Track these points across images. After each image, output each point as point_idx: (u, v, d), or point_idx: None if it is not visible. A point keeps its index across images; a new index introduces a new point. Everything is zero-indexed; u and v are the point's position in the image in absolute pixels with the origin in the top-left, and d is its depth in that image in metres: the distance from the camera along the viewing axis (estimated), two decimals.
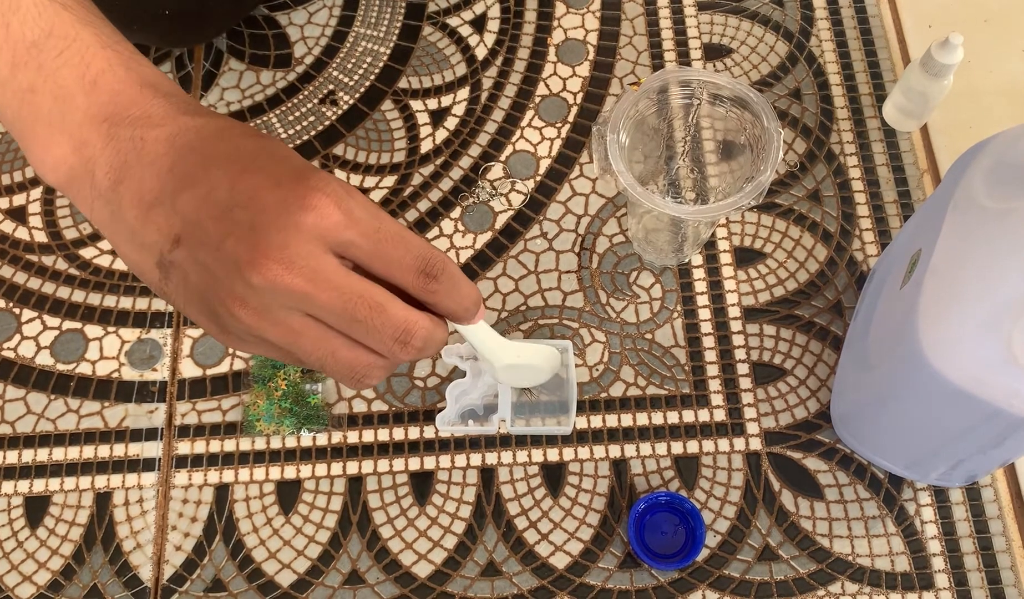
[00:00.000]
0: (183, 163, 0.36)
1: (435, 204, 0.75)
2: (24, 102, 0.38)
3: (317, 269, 0.35)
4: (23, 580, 0.64)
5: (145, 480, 0.67)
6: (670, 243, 0.71)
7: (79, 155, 0.37)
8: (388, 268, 0.37)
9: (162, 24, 0.73)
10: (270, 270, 0.34)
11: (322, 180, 0.35)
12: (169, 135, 0.37)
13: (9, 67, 0.38)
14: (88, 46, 0.38)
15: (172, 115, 0.37)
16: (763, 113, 0.59)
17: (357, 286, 0.36)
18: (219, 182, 0.35)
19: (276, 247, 0.34)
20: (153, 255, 0.37)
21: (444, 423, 0.66)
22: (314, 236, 0.35)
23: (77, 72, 0.37)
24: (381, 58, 0.81)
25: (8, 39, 0.37)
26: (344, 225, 0.35)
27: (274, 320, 0.36)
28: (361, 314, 0.36)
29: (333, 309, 0.36)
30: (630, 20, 0.82)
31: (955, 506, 0.65)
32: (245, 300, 0.35)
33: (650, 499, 0.63)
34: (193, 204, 0.35)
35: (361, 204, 0.36)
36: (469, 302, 0.40)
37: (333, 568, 0.64)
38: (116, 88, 0.37)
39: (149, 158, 0.36)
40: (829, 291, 0.72)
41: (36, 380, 0.70)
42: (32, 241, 0.74)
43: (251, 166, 0.36)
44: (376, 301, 0.37)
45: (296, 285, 0.35)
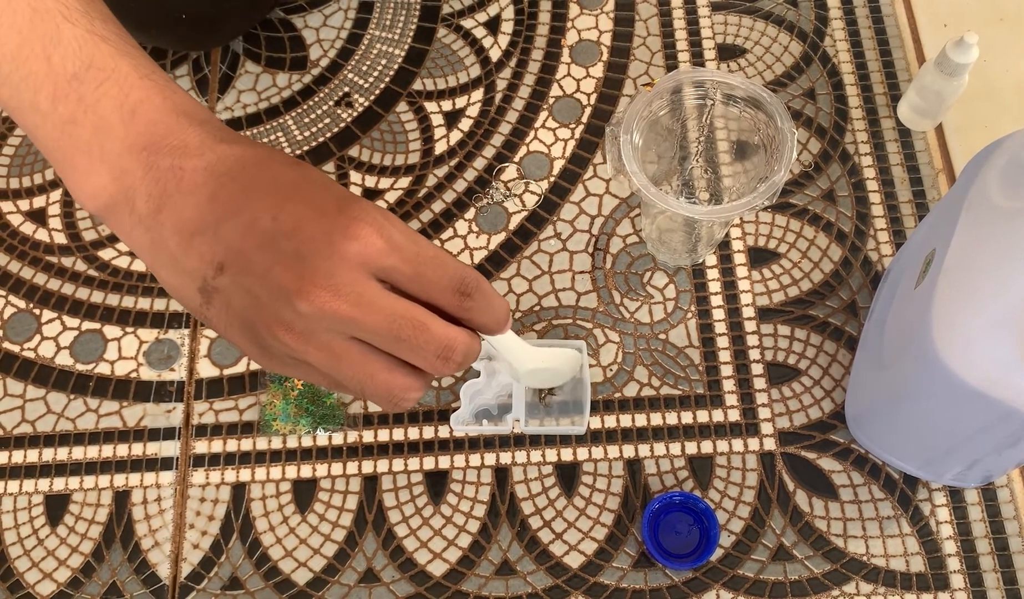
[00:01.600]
0: (224, 192, 0.37)
1: (449, 205, 0.75)
2: (64, 133, 0.39)
3: (362, 294, 0.37)
4: (44, 577, 0.65)
5: (163, 479, 0.67)
6: (684, 243, 0.71)
7: (119, 184, 0.38)
8: (427, 289, 0.39)
9: (179, 28, 0.74)
10: (318, 297, 0.36)
11: (363, 209, 0.37)
12: (208, 164, 0.38)
13: (50, 100, 0.38)
14: (126, 77, 0.39)
15: (210, 144, 0.38)
16: (777, 113, 0.59)
17: (400, 308, 0.38)
18: (262, 211, 0.37)
19: (323, 275, 0.36)
20: (195, 281, 0.38)
21: (458, 423, 0.67)
22: (358, 263, 0.36)
23: (116, 103, 0.38)
24: (396, 60, 0.81)
25: (50, 73, 0.38)
26: (386, 252, 0.37)
27: (317, 344, 0.38)
28: (405, 333, 0.38)
29: (378, 331, 0.38)
30: (644, 21, 0.82)
31: (971, 506, 0.65)
32: (291, 325, 0.37)
33: (664, 499, 0.64)
34: (237, 232, 0.37)
35: (400, 230, 0.38)
36: (501, 314, 0.42)
37: (349, 566, 0.65)
38: (154, 117, 0.38)
39: (189, 187, 0.37)
40: (844, 291, 0.71)
41: (56, 380, 0.71)
42: (52, 243, 0.75)
43: (294, 195, 0.37)
44: (419, 320, 0.38)
45: (343, 310, 0.36)
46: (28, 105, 0.39)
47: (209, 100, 0.80)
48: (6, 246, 0.75)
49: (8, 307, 0.73)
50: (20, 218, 0.76)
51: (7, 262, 0.75)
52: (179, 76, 0.81)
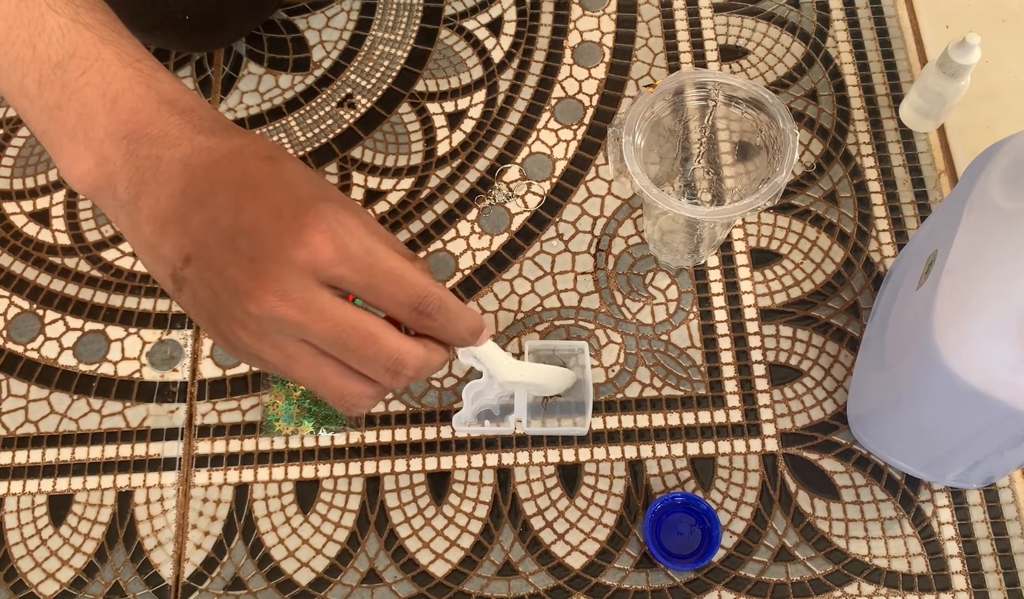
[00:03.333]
0: (195, 186, 0.38)
1: (451, 206, 0.76)
2: (52, 118, 0.40)
3: (311, 300, 0.37)
4: (47, 577, 0.65)
5: (166, 479, 0.68)
6: (686, 244, 0.71)
7: (102, 169, 0.39)
8: (381, 303, 0.39)
9: (182, 29, 0.74)
10: (265, 301, 0.36)
11: (319, 214, 0.37)
12: (184, 155, 0.38)
13: (36, 85, 0.40)
14: (109, 65, 0.39)
15: (188, 135, 0.39)
16: (779, 114, 0.59)
17: (351, 317, 0.38)
18: (225, 209, 0.37)
19: (272, 278, 0.36)
20: (168, 267, 0.39)
21: (460, 423, 0.67)
22: (307, 270, 0.37)
23: (99, 91, 0.39)
24: (398, 61, 0.82)
25: (35, 59, 0.39)
26: (336, 262, 0.37)
27: (271, 343, 0.38)
28: (353, 344, 0.38)
29: (326, 339, 0.38)
30: (646, 22, 0.82)
31: (973, 507, 0.65)
32: (244, 324, 0.38)
33: (666, 499, 0.64)
34: (202, 227, 0.37)
35: (358, 239, 0.37)
36: (467, 333, 0.42)
37: (351, 567, 0.65)
38: (135, 106, 0.39)
39: (165, 177, 0.38)
40: (846, 292, 0.72)
41: (59, 380, 0.71)
42: (55, 243, 0.75)
43: (256, 194, 0.38)
44: (369, 332, 0.38)
45: (289, 315, 0.37)
46: (17, 89, 0.40)
47: (212, 101, 0.80)
48: (10, 247, 0.75)
49: (12, 308, 0.73)
50: (24, 219, 0.76)
51: (11, 263, 0.75)
52: (182, 78, 0.81)
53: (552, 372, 0.61)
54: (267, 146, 0.40)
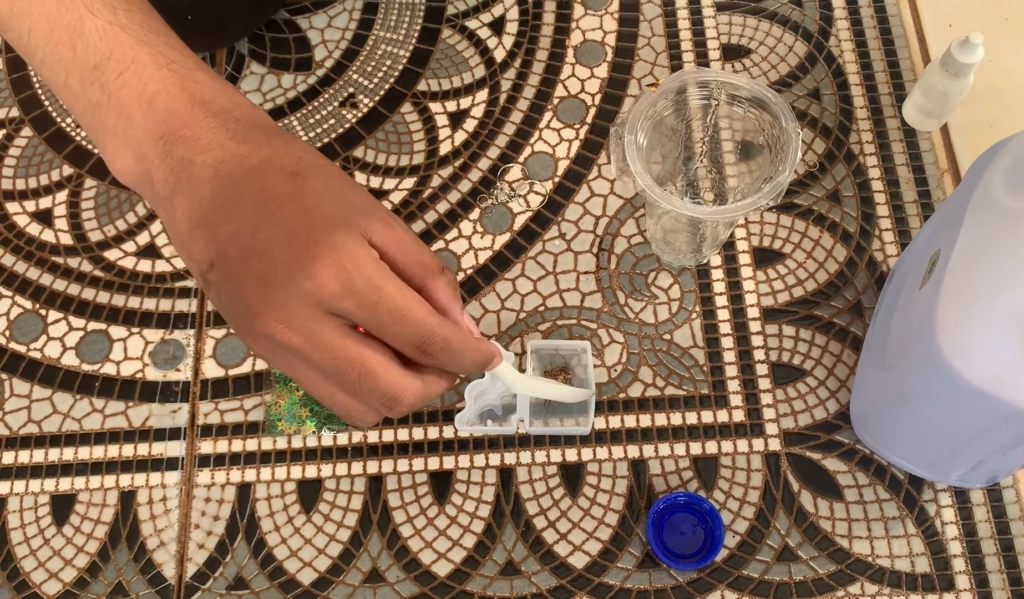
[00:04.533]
0: (222, 195, 0.39)
1: (454, 206, 0.76)
2: (94, 115, 0.41)
3: (314, 331, 0.38)
4: (50, 577, 0.65)
5: (168, 479, 0.68)
6: (688, 244, 0.71)
7: (141, 166, 0.41)
8: (386, 338, 0.40)
9: (184, 29, 0.74)
10: (270, 325, 0.38)
11: (329, 245, 0.37)
12: (215, 161, 0.39)
13: (79, 84, 0.41)
14: (144, 67, 0.41)
15: (219, 140, 0.40)
16: (781, 114, 0.59)
17: (351, 351, 0.39)
18: (246, 226, 0.38)
19: (278, 304, 0.37)
20: (197, 266, 0.40)
21: (463, 423, 0.67)
22: (313, 301, 0.37)
23: (135, 92, 0.40)
24: (400, 61, 0.82)
25: (76, 60, 0.41)
26: (341, 296, 0.37)
27: (280, 360, 0.40)
28: (350, 377, 0.39)
29: (325, 369, 0.39)
30: (648, 21, 0.82)
31: (976, 507, 0.65)
32: (255, 339, 0.39)
33: (669, 499, 0.64)
34: (225, 239, 0.39)
35: (365, 275, 0.38)
36: (474, 367, 0.43)
37: (354, 566, 0.65)
38: (170, 108, 0.40)
39: (196, 182, 0.39)
40: (849, 291, 0.71)
41: (62, 380, 0.71)
42: (58, 243, 0.76)
43: (275, 215, 0.38)
44: (367, 368, 0.39)
45: (293, 342, 0.38)
46: (62, 86, 0.42)
47: None
48: (12, 247, 0.76)
49: (14, 307, 0.73)
50: (26, 219, 0.77)
51: (13, 262, 0.75)
52: None
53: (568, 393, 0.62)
54: (296, 158, 0.41)
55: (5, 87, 0.82)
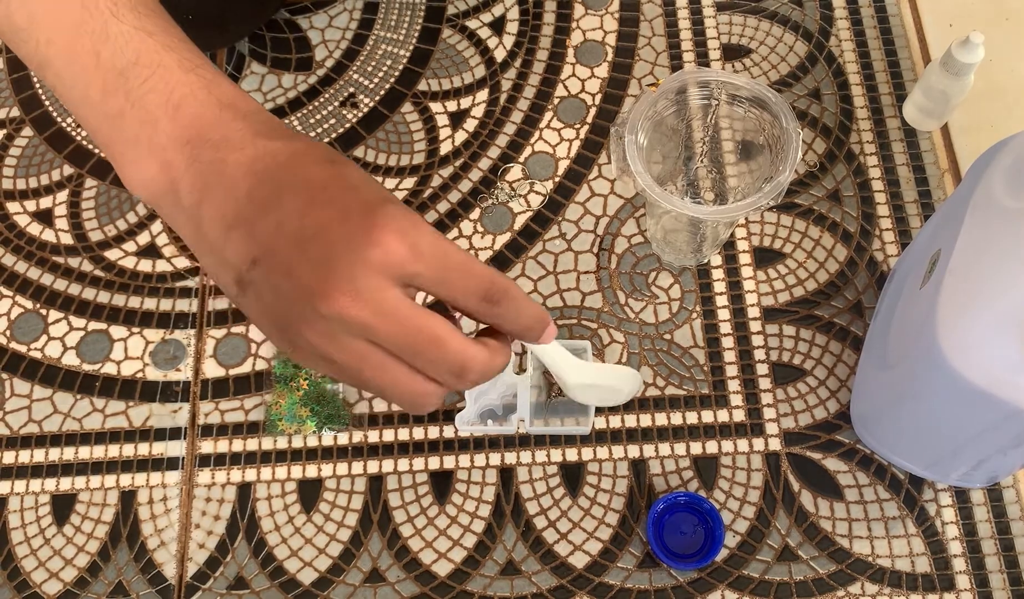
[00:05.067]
0: (260, 190, 0.38)
1: (454, 205, 0.76)
2: (114, 126, 0.40)
3: (382, 302, 0.37)
4: (50, 577, 0.65)
5: (169, 479, 0.68)
6: (689, 243, 0.71)
7: (165, 175, 0.40)
8: (453, 296, 0.39)
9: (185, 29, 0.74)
10: (337, 302, 0.37)
11: (389, 215, 0.37)
12: (248, 159, 0.39)
13: (100, 94, 0.40)
14: (171, 72, 0.40)
15: (250, 138, 0.39)
16: (782, 113, 0.59)
17: (419, 320, 0.38)
18: (291, 213, 0.38)
19: (344, 280, 0.37)
20: (232, 272, 0.39)
21: (463, 423, 0.67)
22: (380, 270, 0.37)
23: (161, 98, 0.40)
24: (401, 61, 0.82)
25: (99, 68, 0.40)
26: (411, 259, 0.37)
27: (340, 346, 0.38)
28: (421, 347, 0.39)
29: (395, 341, 0.38)
30: (648, 21, 0.82)
31: (976, 507, 0.65)
32: (314, 325, 0.38)
33: (669, 499, 0.64)
34: (269, 231, 0.38)
35: (427, 236, 0.38)
36: (533, 322, 0.43)
37: (354, 566, 0.65)
38: (198, 112, 0.40)
39: (229, 182, 0.39)
40: (849, 291, 0.71)
41: (62, 380, 0.71)
42: (58, 243, 0.76)
43: (321, 197, 0.38)
44: (436, 335, 0.39)
45: (361, 317, 0.37)
46: (80, 98, 0.41)
47: None
48: (13, 246, 0.76)
49: (15, 307, 0.73)
50: (27, 219, 0.77)
51: (14, 262, 0.75)
52: None
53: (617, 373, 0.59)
54: (328, 150, 0.41)
55: (6, 87, 0.82)
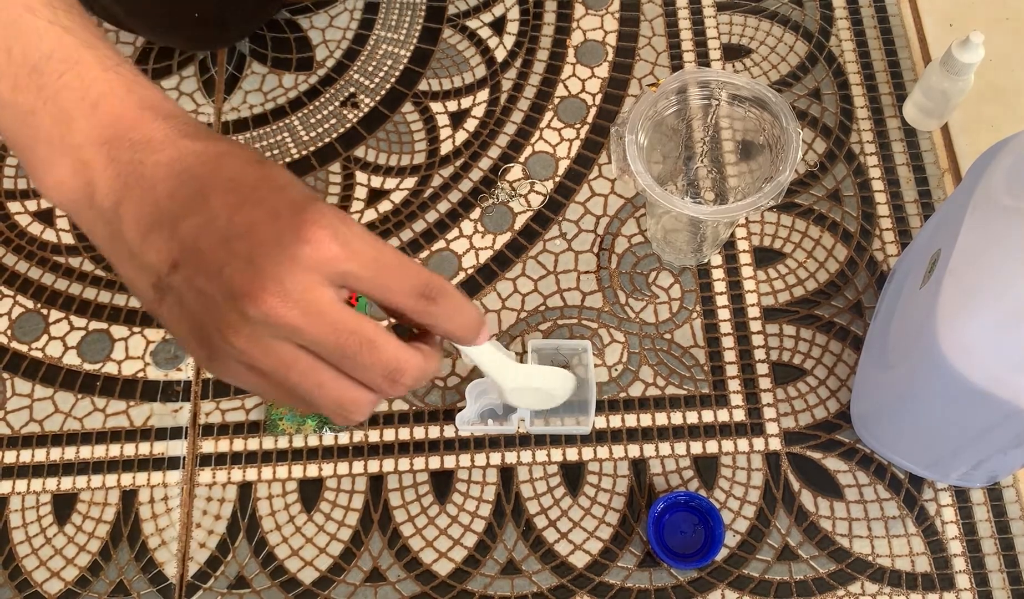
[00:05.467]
0: (184, 190, 0.37)
1: (455, 205, 0.76)
2: (25, 124, 0.38)
3: (312, 302, 0.36)
4: (51, 576, 0.65)
5: (170, 478, 0.68)
6: (689, 243, 0.71)
7: (80, 176, 0.38)
8: (387, 295, 0.38)
9: (186, 28, 0.74)
10: (265, 302, 0.35)
11: (318, 212, 0.36)
12: (169, 159, 0.37)
13: (11, 91, 0.38)
14: (89, 69, 0.38)
15: (172, 139, 0.38)
16: (782, 113, 0.59)
17: (351, 322, 0.37)
18: (219, 212, 0.36)
19: (273, 280, 0.35)
20: (150, 277, 0.37)
21: (464, 422, 0.67)
22: (311, 268, 0.36)
23: (77, 95, 0.38)
24: (401, 61, 0.82)
25: (10, 64, 0.38)
26: (342, 257, 0.36)
27: (265, 349, 0.37)
28: (351, 350, 0.37)
29: (325, 343, 0.37)
30: (649, 21, 0.82)
31: (976, 507, 0.65)
32: (238, 328, 0.36)
33: (669, 499, 0.64)
34: (192, 232, 0.36)
35: (359, 235, 0.37)
36: (469, 321, 0.41)
37: (355, 565, 0.65)
38: (117, 111, 0.38)
39: (149, 182, 0.37)
40: (849, 291, 0.71)
41: (63, 379, 0.71)
42: (59, 243, 0.76)
43: (251, 197, 0.37)
44: (368, 338, 0.37)
45: (290, 318, 0.36)
46: None
47: (215, 101, 0.80)
48: (14, 246, 0.76)
49: (16, 307, 0.73)
50: (28, 218, 0.77)
51: (15, 262, 0.75)
52: (186, 77, 0.81)
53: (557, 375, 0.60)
54: (255, 152, 0.40)
55: None
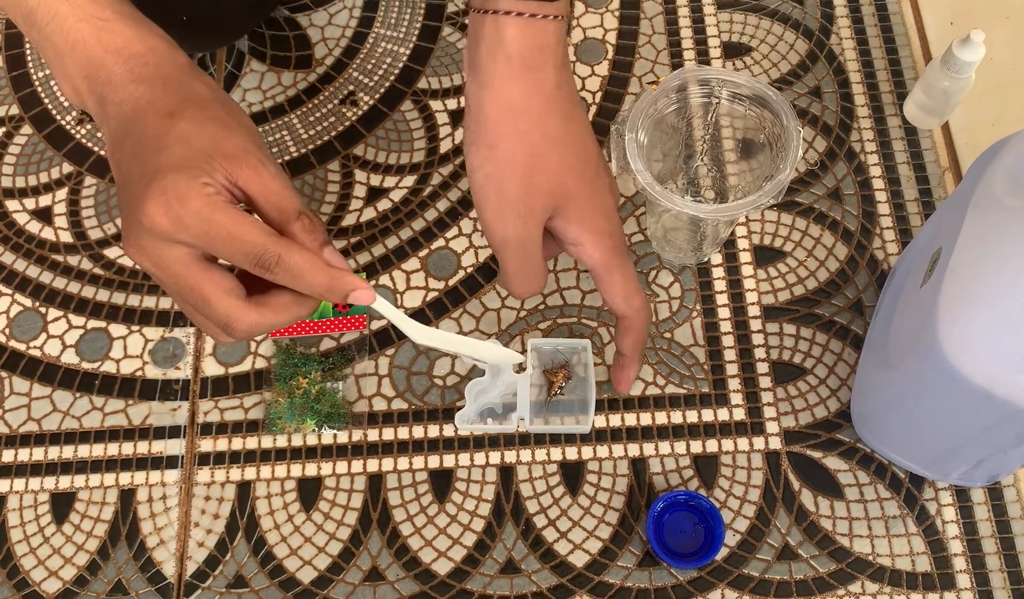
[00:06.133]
0: (118, 131, 0.47)
1: (454, 204, 0.75)
2: (41, 50, 0.49)
3: (158, 257, 0.44)
4: (49, 575, 0.65)
5: (168, 477, 0.68)
6: (689, 242, 0.71)
7: (78, 95, 0.49)
8: (228, 260, 0.45)
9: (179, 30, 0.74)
10: (129, 248, 0.45)
11: (159, 186, 0.43)
12: (119, 101, 0.47)
13: (25, 25, 0.49)
14: (65, 19, 0.47)
15: (124, 83, 0.47)
16: (782, 112, 0.59)
17: (190, 278, 0.45)
18: (123, 160, 0.46)
19: (133, 233, 0.44)
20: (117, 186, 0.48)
21: (463, 421, 0.67)
22: (153, 233, 0.43)
23: (61, 39, 0.48)
24: (401, 59, 0.81)
25: (18, 5, 0.48)
26: (173, 229, 0.43)
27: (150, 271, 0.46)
28: (192, 300, 0.46)
29: (170, 291, 0.46)
30: (649, 19, 0.82)
31: (977, 506, 0.65)
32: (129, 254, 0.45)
33: (669, 498, 0.64)
34: (116, 167, 0.46)
35: (192, 210, 0.43)
36: (319, 288, 0.46)
37: (354, 565, 0.65)
38: (88, 54, 0.48)
39: (106, 117, 0.47)
40: (849, 290, 0.71)
41: (62, 378, 0.71)
42: (58, 241, 0.75)
43: (139, 152, 0.45)
44: (202, 295, 0.45)
45: (145, 265, 0.45)
46: (14, 19, 0.49)
47: None
48: (12, 245, 0.75)
49: (14, 305, 0.73)
50: (26, 216, 0.76)
51: (13, 260, 0.75)
52: None
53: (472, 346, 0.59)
54: (175, 99, 0.47)
55: (5, 84, 0.82)
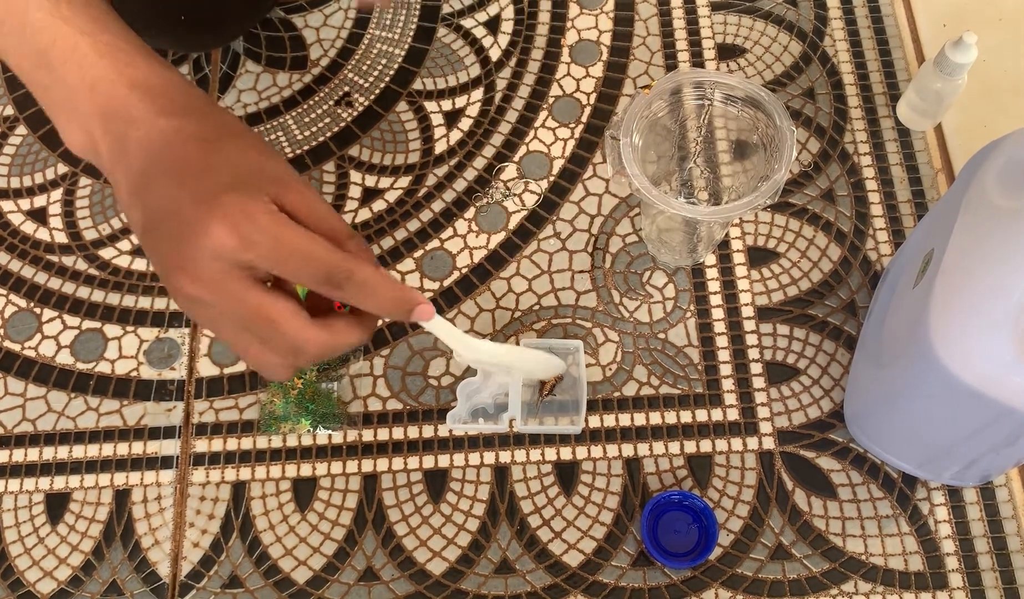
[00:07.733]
0: (149, 166, 0.43)
1: (449, 205, 0.76)
2: (46, 94, 0.46)
3: (219, 282, 0.41)
4: (44, 575, 0.65)
5: (163, 477, 0.68)
6: (684, 243, 0.71)
7: (89, 140, 0.45)
8: (295, 279, 0.42)
9: (178, 29, 0.74)
10: (180, 280, 0.41)
11: (222, 205, 0.41)
12: (144, 137, 0.43)
13: (31, 67, 0.46)
14: (84, 56, 0.45)
15: (150, 118, 0.44)
16: (776, 113, 0.59)
17: (254, 301, 0.42)
18: (162, 192, 0.42)
19: (188, 260, 0.41)
20: (137, 232, 0.44)
21: (454, 421, 0.67)
22: (215, 256, 0.40)
23: (78, 77, 0.45)
24: (396, 60, 0.82)
25: (24, 45, 0.45)
26: (240, 249, 0.40)
27: (199, 313, 0.43)
28: (256, 325, 0.42)
29: (233, 318, 0.42)
30: (643, 21, 0.82)
31: (969, 506, 0.65)
32: (175, 293, 0.42)
33: (663, 498, 0.64)
34: (150, 205, 0.43)
35: (260, 227, 0.41)
36: (389, 304, 0.44)
37: (348, 565, 0.65)
38: (109, 92, 0.44)
39: (130, 156, 0.44)
40: (843, 291, 0.72)
41: (57, 379, 0.71)
42: (53, 242, 0.75)
43: (185, 180, 0.42)
44: (270, 317, 0.42)
45: (201, 295, 0.41)
46: (16, 67, 0.46)
47: None
48: (7, 245, 0.75)
49: (9, 306, 0.73)
50: (21, 217, 0.76)
51: (8, 261, 0.75)
52: None
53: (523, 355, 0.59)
54: (215, 127, 0.44)
55: (0, 85, 0.82)
